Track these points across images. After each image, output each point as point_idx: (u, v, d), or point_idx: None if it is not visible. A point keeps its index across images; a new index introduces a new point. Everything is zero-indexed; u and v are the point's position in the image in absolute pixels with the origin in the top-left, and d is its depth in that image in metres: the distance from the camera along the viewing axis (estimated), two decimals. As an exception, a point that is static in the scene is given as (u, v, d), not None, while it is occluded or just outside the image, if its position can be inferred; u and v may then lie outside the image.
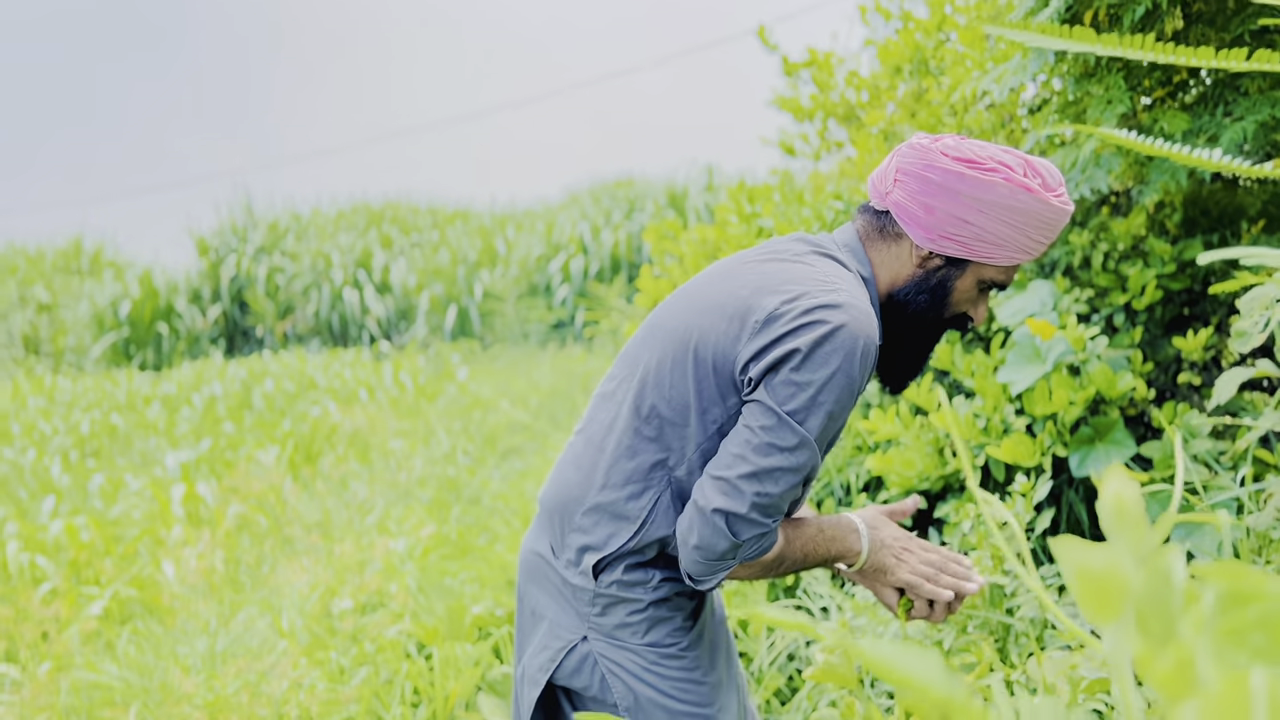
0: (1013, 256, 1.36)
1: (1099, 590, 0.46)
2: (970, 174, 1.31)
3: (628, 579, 1.41)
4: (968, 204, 1.32)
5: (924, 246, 1.38)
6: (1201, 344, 2.81)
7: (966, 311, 1.45)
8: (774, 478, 1.28)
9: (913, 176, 1.36)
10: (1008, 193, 1.30)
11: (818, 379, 1.26)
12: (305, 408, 9.42)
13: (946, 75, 3.80)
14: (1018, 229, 1.33)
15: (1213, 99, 2.68)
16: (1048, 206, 1.32)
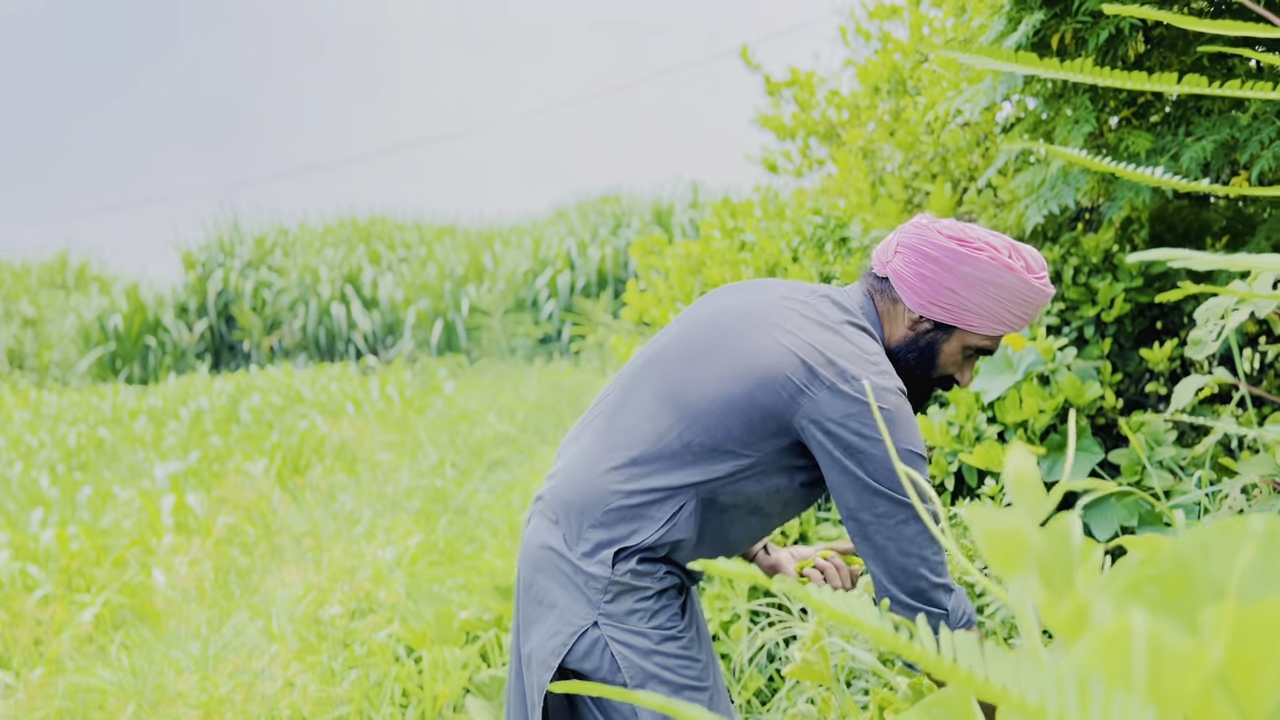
0: (994, 327, 1.52)
1: (1004, 548, 0.55)
2: (961, 250, 1.48)
3: (640, 569, 1.53)
4: (957, 277, 1.49)
5: (915, 311, 1.55)
6: (1167, 355, 2.91)
7: (953, 374, 1.62)
8: (928, 553, 1.49)
9: (911, 249, 1.54)
10: (993, 270, 1.47)
11: (906, 444, 1.46)
12: (292, 421, 9.47)
13: (923, 95, 3.91)
14: (999, 303, 1.49)
15: (1175, 119, 2.79)
16: (1029, 286, 1.49)
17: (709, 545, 1.58)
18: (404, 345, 16.60)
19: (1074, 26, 2.63)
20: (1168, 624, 0.48)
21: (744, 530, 1.60)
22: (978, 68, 3.38)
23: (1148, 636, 0.48)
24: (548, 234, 17.81)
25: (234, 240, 19.50)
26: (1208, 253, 1.07)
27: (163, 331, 18.00)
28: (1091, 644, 0.49)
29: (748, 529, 1.60)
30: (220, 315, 18.38)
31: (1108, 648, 0.48)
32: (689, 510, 1.52)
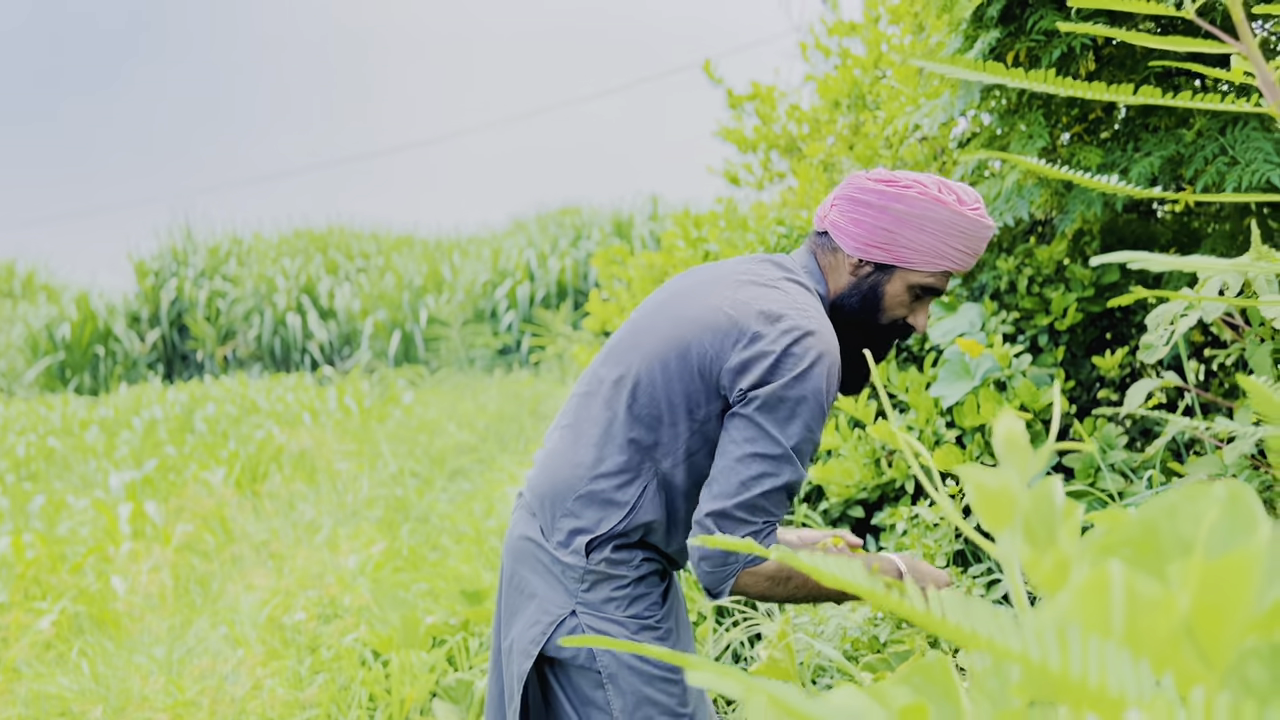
0: (935, 263, 1.54)
1: (994, 504, 0.60)
2: (890, 190, 1.53)
3: (615, 558, 1.56)
4: (891, 216, 1.52)
5: (854, 255, 1.57)
6: (1118, 363, 3.01)
7: (905, 318, 1.62)
8: (759, 482, 1.44)
9: (845, 199, 1.59)
10: (924, 205, 1.51)
11: (795, 395, 1.44)
12: (249, 431, 9.37)
13: (882, 110, 4.01)
14: (935, 237, 1.52)
15: (1124, 135, 2.90)
16: (962, 217, 1.52)
17: (683, 528, 1.60)
18: (361, 356, 16.49)
19: (1028, 45, 2.73)
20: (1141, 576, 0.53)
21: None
22: (936, 84, 3.48)
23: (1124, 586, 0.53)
24: (507, 245, 17.80)
25: (187, 249, 19.25)
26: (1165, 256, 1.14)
27: (114, 341, 17.71)
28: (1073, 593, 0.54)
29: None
30: (173, 325, 18.13)
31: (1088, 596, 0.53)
32: (651, 491, 1.55)
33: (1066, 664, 0.53)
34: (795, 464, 1.45)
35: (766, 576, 1.46)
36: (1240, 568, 0.52)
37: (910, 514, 2.41)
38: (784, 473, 1.44)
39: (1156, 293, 1.33)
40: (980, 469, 0.60)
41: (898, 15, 4.41)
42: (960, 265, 1.57)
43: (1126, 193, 1.54)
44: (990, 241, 3.38)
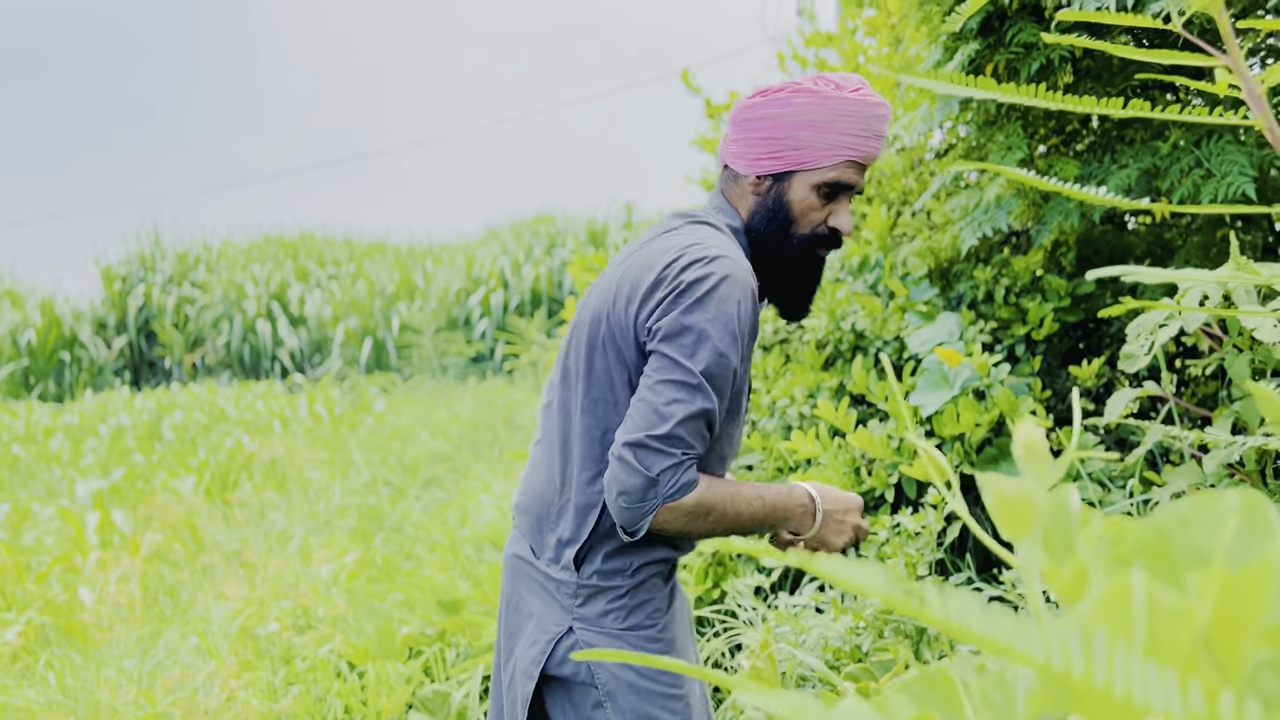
0: (830, 155, 1.49)
1: (1014, 512, 0.59)
2: (765, 100, 1.50)
3: (606, 568, 1.52)
4: (771, 123, 1.50)
5: (751, 173, 1.54)
6: (1094, 372, 3.03)
7: (825, 224, 1.55)
8: (672, 410, 1.39)
9: (731, 126, 1.56)
10: (800, 102, 1.48)
11: (698, 321, 1.40)
12: (218, 439, 9.26)
13: (861, 120, 4.02)
14: (820, 128, 1.48)
15: (1101, 147, 2.93)
16: (843, 100, 1.47)
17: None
18: (332, 363, 16.35)
19: (1007, 57, 2.75)
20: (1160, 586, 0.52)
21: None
22: (914, 96, 3.50)
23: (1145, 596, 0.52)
24: (481, 253, 17.74)
25: (155, 255, 19.04)
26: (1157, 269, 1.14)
27: (79, 347, 17.47)
28: (1094, 602, 0.53)
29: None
30: (140, 331, 17.91)
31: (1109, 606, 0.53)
32: None
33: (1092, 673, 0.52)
34: (708, 392, 1.40)
35: (686, 512, 1.42)
36: (1260, 578, 0.51)
37: (892, 523, 2.41)
38: (697, 400, 1.39)
39: (1144, 304, 1.33)
40: (1000, 477, 0.59)
41: (874, 27, 4.43)
42: (859, 150, 1.50)
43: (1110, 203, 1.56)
44: (969, 250, 3.41)
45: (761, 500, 1.49)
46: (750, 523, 1.48)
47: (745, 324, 1.43)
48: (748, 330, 1.44)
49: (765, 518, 1.50)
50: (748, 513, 1.47)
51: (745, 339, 1.44)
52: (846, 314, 3.47)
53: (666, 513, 1.41)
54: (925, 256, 3.51)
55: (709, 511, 1.44)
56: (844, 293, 3.54)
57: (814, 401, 3.40)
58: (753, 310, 1.45)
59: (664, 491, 1.39)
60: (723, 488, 1.46)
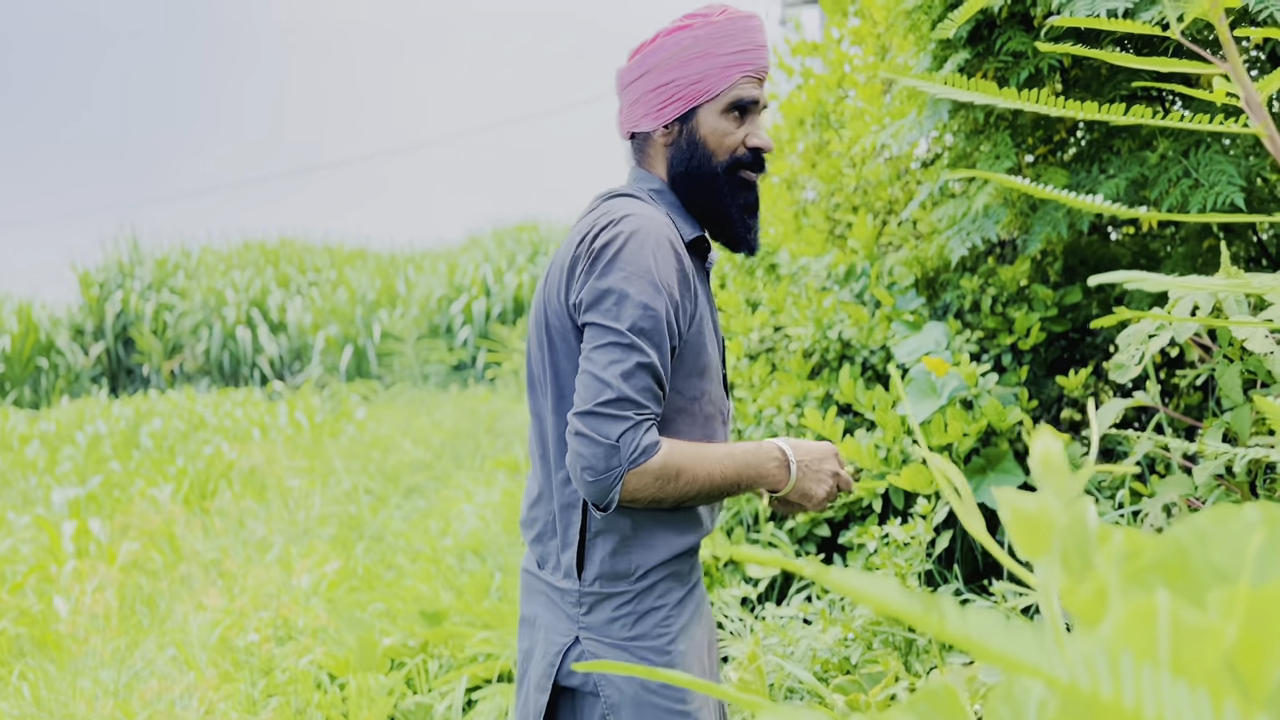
0: (726, 75, 1.50)
1: (1031, 530, 0.57)
2: (641, 55, 1.53)
3: (609, 571, 1.48)
4: (658, 72, 1.51)
5: (656, 126, 1.54)
6: (1081, 382, 3.03)
7: (742, 145, 1.54)
8: (613, 373, 1.37)
9: (622, 94, 1.58)
10: (671, 42, 1.50)
11: (615, 281, 1.39)
12: (197, 446, 9.16)
13: (847, 129, 4.02)
14: (703, 57, 1.49)
15: (1088, 157, 2.93)
16: (717, 25, 1.49)
17: (663, 511, 1.50)
18: (312, 371, 16.24)
19: (995, 65, 2.74)
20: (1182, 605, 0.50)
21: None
22: (900, 105, 3.49)
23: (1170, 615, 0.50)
24: (463, 260, 17.68)
25: (134, 261, 18.88)
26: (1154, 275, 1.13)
27: (56, 354, 17.29)
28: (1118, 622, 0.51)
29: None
30: (118, 338, 17.74)
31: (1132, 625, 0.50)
32: None
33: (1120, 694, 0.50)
34: (642, 348, 1.37)
35: (654, 475, 1.37)
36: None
37: (881, 533, 2.39)
38: (633, 355, 1.37)
39: (1136, 314, 1.32)
40: (1015, 491, 0.57)
41: (860, 36, 4.43)
42: (749, 63, 1.51)
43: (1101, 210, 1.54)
44: (959, 261, 3.40)
45: (731, 458, 1.46)
46: (724, 483, 1.45)
47: (666, 272, 1.41)
48: (674, 279, 1.43)
49: (739, 476, 1.46)
50: (719, 472, 1.44)
51: (674, 287, 1.42)
52: (833, 323, 3.46)
53: (634, 479, 1.37)
54: (912, 266, 3.50)
55: (678, 473, 1.40)
56: (830, 301, 3.53)
57: (800, 411, 3.38)
58: (674, 257, 1.43)
59: (626, 456, 1.35)
60: (688, 448, 1.43)
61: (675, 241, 1.45)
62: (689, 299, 1.45)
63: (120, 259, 18.81)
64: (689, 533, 1.53)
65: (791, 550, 3.00)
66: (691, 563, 1.57)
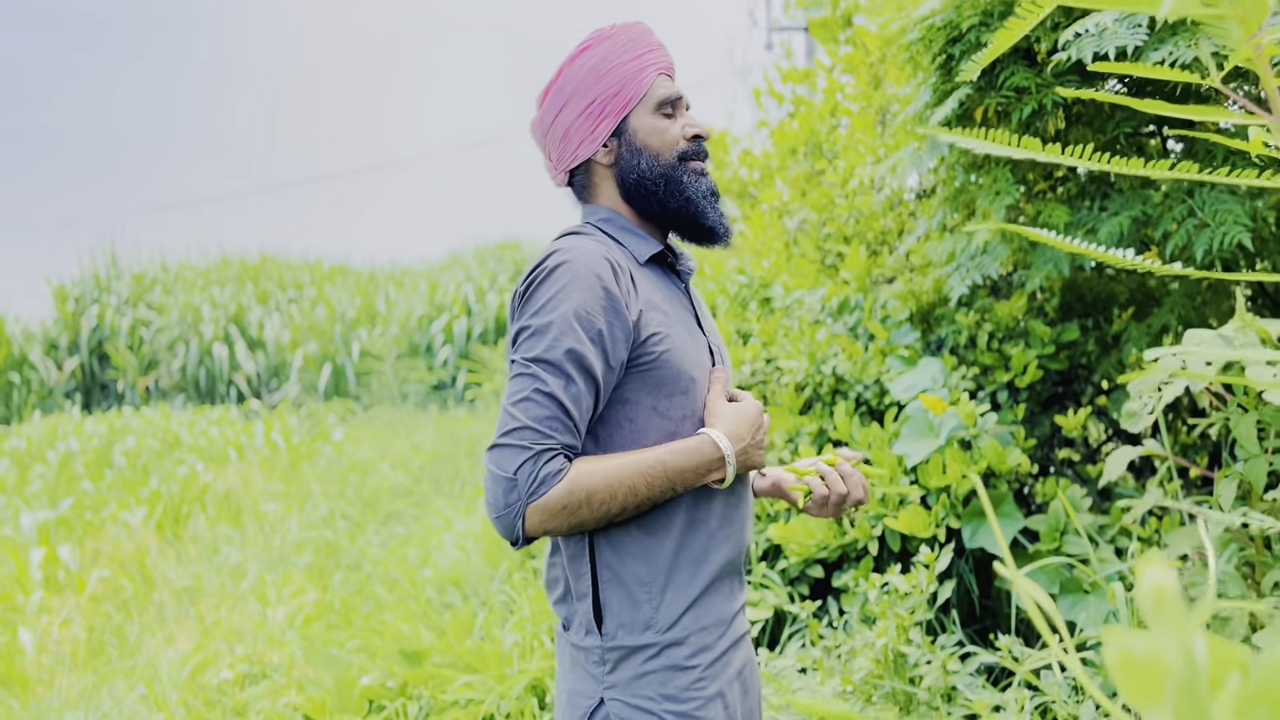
0: (641, 76, 1.52)
1: (1141, 676, 0.49)
2: (549, 96, 1.54)
3: (630, 622, 1.40)
4: (573, 102, 1.52)
5: (595, 148, 1.53)
6: (1080, 423, 2.97)
7: (680, 139, 1.54)
8: (514, 405, 1.34)
9: (544, 140, 1.58)
10: (578, 67, 1.52)
11: (528, 318, 1.38)
12: (171, 467, 9.00)
13: (841, 159, 3.97)
14: (611, 70, 1.51)
15: (1090, 193, 2.88)
16: (614, 39, 1.52)
17: (675, 543, 1.44)
18: (289, 389, 16.06)
19: (998, 101, 2.70)
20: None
21: (670, 511, 1.44)
22: (897, 132, 3.44)
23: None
24: (444, 279, 17.57)
25: (111, 276, 18.66)
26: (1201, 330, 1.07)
27: (29, 368, 17.03)
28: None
29: (670, 510, 1.44)
30: (93, 353, 17.50)
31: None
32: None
33: None
34: (542, 376, 1.34)
35: (560, 505, 1.31)
36: None
37: (881, 581, 2.32)
38: (532, 384, 1.34)
39: (1166, 372, 1.26)
40: (1123, 630, 0.49)
41: (852, 64, 4.39)
42: (656, 62, 1.53)
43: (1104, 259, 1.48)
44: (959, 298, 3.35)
45: (664, 466, 1.38)
46: (653, 493, 1.37)
47: (584, 301, 1.37)
48: (596, 306, 1.38)
49: (671, 482, 1.39)
50: (644, 484, 1.36)
51: (595, 314, 1.37)
52: (826, 357, 3.39)
53: (536, 513, 1.31)
54: (906, 300, 3.44)
55: (588, 497, 1.33)
56: (824, 334, 3.46)
57: (794, 446, 3.31)
58: (597, 285, 1.39)
59: (524, 489, 1.30)
60: (601, 466, 1.35)
61: (608, 268, 1.41)
62: (622, 323, 1.40)
63: (97, 273, 18.59)
64: (706, 564, 1.45)
65: (784, 592, 2.92)
66: (726, 613, 1.48)
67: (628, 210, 1.56)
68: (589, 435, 1.43)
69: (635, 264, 1.50)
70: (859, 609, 2.64)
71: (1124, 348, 3.11)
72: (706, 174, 1.58)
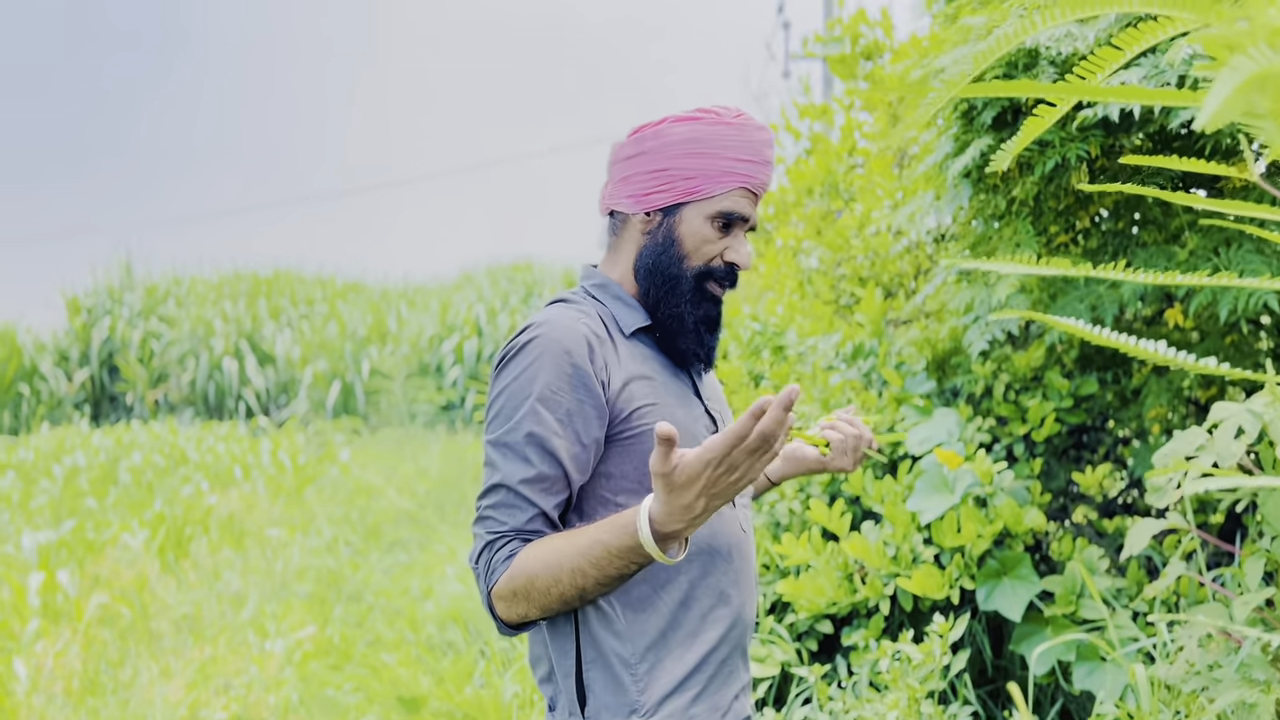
0: (722, 181, 1.42)
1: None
2: (643, 133, 1.45)
3: (612, 704, 1.34)
4: (653, 157, 1.43)
5: (639, 210, 1.45)
6: (1098, 480, 2.90)
7: (720, 257, 1.45)
8: (481, 498, 1.33)
9: (612, 168, 1.50)
10: (681, 131, 1.42)
11: (498, 399, 1.35)
12: (176, 485, 8.97)
13: (859, 201, 3.92)
14: (708, 156, 1.42)
15: (1113, 248, 2.82)
16: (726, 126, 1.42)
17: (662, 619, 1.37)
18: (298, 406, 16.05)
19: (1021, 153, 2.64)
20: None
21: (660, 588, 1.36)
22: (915, 178, 3.39)
23: None
24: (455, 298, 17.57)
25: (124, 288, 18.72)
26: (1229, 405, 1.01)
27: (39, 379, 17.08)
28: None
29: (660, 586, 1.36)
30: (103, 365, 17.54)
31: None
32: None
33: None
34: (499, 465, 1.31)
35: (510, 591, 1.26)
36: None
37: (893, 649, 2.25)
38: (496, 474, 1.32)
39: (1192, 446, 1.20)
40: None
41: (870, 103, 4.35)
42: (750, 176, 1.43)
43: (1114, 345, 1.42)
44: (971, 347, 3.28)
45: (604, 546, 1.23)
46: (614, 572, 1.24)
47: (549, 379, 1.32)
48: (563, 384, 1.32)
49: (622, 559, 1.23)
50: (589, 564, 1.24)
51: (562, 392, 1.32)
52: (840, 404, 3.33)
53: (498, 602, 1.28)
54: (922, 348, 3.38)
55: (530, 583, 1.25)
56: (838, 380, 3.40)
57: (805, 495, 3.25)
58: (566, 362, 1.33)
59: (483, 579, 1.29)
60: (542, 549, 1.27)
61: (582, 344, 1.35)
62: (594, 400, 1.34)
63: (111, 285, 18.66)
64: (699, 643, 1.37)
65: (791, 648, 2.85)
66: (722, 700, 1.40)
67: (631, 282, 1.49)
68: (574, 512, 1.38)
69: (623, 334, 1.44)
70: (868, 671, 2.56)
71: (1144, 402, 3.04)
72: (719, 302, 1.49)
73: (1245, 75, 0.88)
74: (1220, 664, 1.91)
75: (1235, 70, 0.90)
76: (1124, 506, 3.34)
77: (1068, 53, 2.45)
